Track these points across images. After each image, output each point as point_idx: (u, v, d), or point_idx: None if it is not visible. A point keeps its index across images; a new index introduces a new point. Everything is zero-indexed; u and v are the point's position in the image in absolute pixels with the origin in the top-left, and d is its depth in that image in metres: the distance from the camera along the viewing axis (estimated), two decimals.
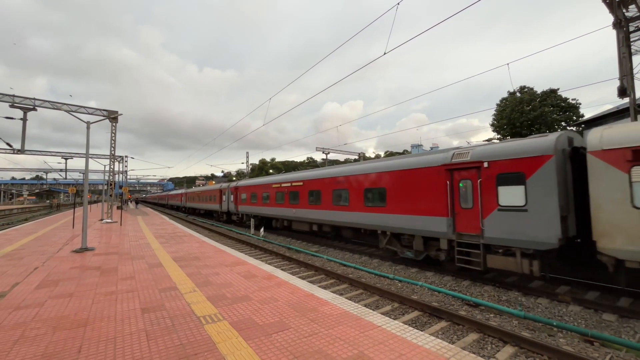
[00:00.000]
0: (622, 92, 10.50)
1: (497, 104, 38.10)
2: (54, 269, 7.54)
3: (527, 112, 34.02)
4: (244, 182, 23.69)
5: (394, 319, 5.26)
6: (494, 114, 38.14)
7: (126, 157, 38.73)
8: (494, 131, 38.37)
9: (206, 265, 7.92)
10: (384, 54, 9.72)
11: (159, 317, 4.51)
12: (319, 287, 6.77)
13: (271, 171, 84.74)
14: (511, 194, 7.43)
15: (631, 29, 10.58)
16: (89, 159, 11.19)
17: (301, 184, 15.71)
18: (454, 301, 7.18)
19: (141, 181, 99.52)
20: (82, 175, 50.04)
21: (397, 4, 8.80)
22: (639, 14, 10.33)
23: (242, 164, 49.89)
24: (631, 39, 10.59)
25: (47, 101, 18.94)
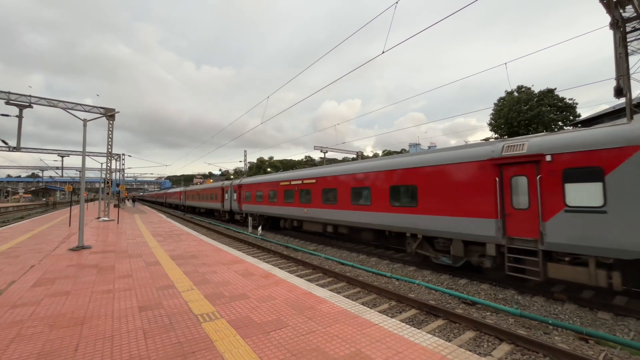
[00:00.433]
0: (619, 92, 10.56)
1: (495, 104, 38.29)
2: (51, 267, 7.51)
3: (525, 111, 34.20)
4: (249, 179, 22.71)
5: (391, 317, 5.28)
6: (492, 114, 38.34)
7: (123, 155, 38.52)
8: (491, 130, 38.58)
9: (204, 263, 7.91)
10: (383, 53, 9.72)
11: (157, 315, 4.50)
12: (317, 285, 6.78)
13: (269, 170, 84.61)
14: (584, 193, 6.37)
15: (628, 29, 10.64)
16: (86, 157, 11.12)
17: (314, 181, 14.60)
18: (450, 299, 7.22)
19: (138, 179, 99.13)
20: (78, 173, 49.74)
21: (396, 3, 8.79)
22: (635, 15, 10.39)
23: (240, 162, 49.82)
24: (628, 39, 10.64)
25: (43, 98, 18.80)
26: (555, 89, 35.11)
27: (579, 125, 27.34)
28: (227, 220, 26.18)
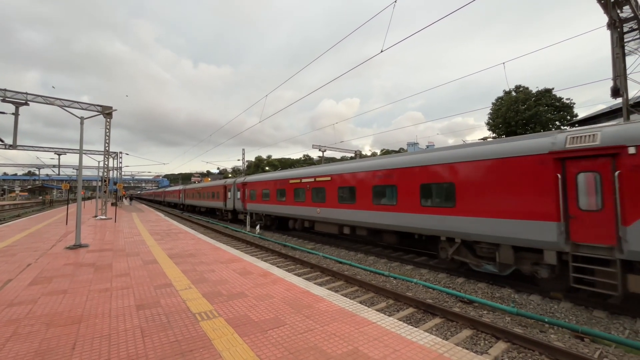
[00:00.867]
0: (616, 92, 10.64)
1: (493, 103, 38.38)
2: (48, 265, 7.47)
3: (522, 111, 34.33)
4: (255, 177, 21.58)
5: (389, 316, 5.30)
6: (490, 113, 38.45)
7: (120, 153, 38.28)
8: (489, 130, 38.68)
9: (202, 262, 7.90)
10: (381, 52, 9.71)
11: (154, 314, 4.50)
12: (315, 284, 6.79)
13: (267, 168, 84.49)
14: None
15: (625, 29, 10.70)
16: (83, 155, 11.06)
17: (328, 179, 13.56)
18: (448, 298, 7.26)
19: (136, 177, 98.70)
20: (75, 171, 49.47)
21: (394, 2, 8.78)
22: (633, 15, 10.44)
23: (238, 161, 49.78)
24: (625, 40, 10.71)
25: (39, 96, 18.65)
26: (553, 88, 35.28)
27: (576, 125, 27.49)
28: (230, 220, 25.29)
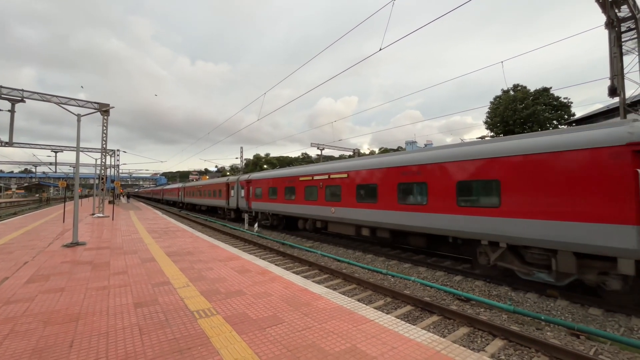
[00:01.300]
0: (613, 92, 10.69)
1: (491, 102, 38.50)
2: (45, 263, 7.44)
3: (520, 110, 34.46)
4: (260, 174, 20.73)
5: (387, 313, 5.33)
6: (488, 112, 38.57)
7: (118, 151, 38.12)
8: (487, 129, 38.79)
9: (200, 260, 7.89)
10: (380, 50, 9.70)
11: (152, 312, 4.49)
12: (313, 282, 6.81)
13: (265, 166, 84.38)
14: None
15: (623, 29, 10.74)
16: (80, 153, 11.00)
17: (345, 175, 12.66)
18: (445, 296, 7.30)
19: (133, 175, 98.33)
20: (72, 168, 49.20)
21: (393, 0, 8.77)
22: (630, 14, 10.48)
23: (236, 159, 49.65)
24: (623, 39, 10.75)
25: (36, 92, 18.51)
26: (550, 87, 35.43)
27: (574, 124, 27.61)
28: (233, 219, 24.45)
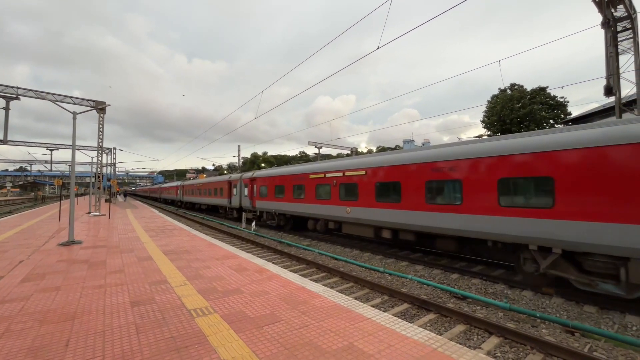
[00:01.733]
0: (609, 91, 10.77)
1: (488, 101, 38.66)
2: (40, 262, 7.39)
3: (517, 109, 34.63)
4: (265, 171, 20.01)
5: (384, 311, 5.35)
6: (485, 111, 38.72)
7: (114, 149, 37.80)
8: (484, 127, 38.96)
9: (197, 258, 7.87)
10: (378, 48, 9.70)
11: (149, 310, 4.48)
12: (310, 280, 6.81)
13: (263, 165, 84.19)
14: None
15: (619, 28, 10.81)
16: (76, 151, 10.91)
17: (362, 173, 11.82)
18: (442, 294, 7.34)
19: (130, 174, 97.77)
20: (68, 167, 48.80)
21: None
22: (626, 14, 10.54)
23: (234, 157, 49.52)
24: (618, 39, 10.82)
25: (31, 90, 18.32)
26: (547, 87, 35.62)
27: (570, 123, 27.77)
28: (236, 218, 23.73)
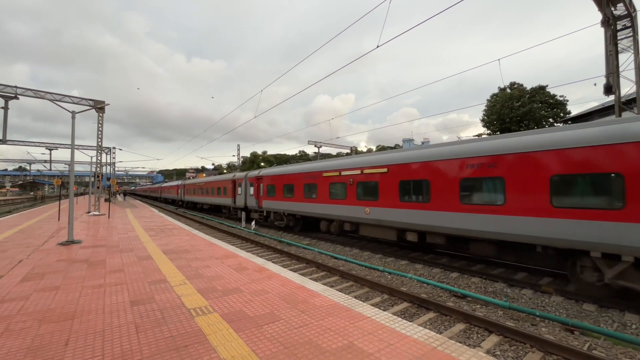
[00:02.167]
0: (608, 90, 10.77)
1: (488, 100, 38.63)
2: (40, 261, 7.38)
3: (517, 108, 34.62)
4: (273, 169, 19.06)
5: (384, 310, 5.36)
6: (484, 110, 38.69)
7: (114, 148, 37.70)
8: (484, 126, 38.95)
9: (196, 258, 7.87)
10: (377, 47, 9.67)
11: (149, 310, 4.47)
12: (310, 279, 6.81)
13: (262, 164, 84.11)
14: None
15: (619, 27, 10.79)
16: (75, 150, 10.89)
17: (384, 170, 10.91)
18: (442, 293, 7.34)
19: (130, 173, 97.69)
20: (67, 166, 48.73)
21: None
22: (626, 12, 10.52)
23: (233, 156, 49.51)
24: (618, 37, 10.80)
25: (29, 89, 18.27)
26: (547, 85, 35.61)
27: (569, 122, 27.79)
28: (240, 218, 22.67)
